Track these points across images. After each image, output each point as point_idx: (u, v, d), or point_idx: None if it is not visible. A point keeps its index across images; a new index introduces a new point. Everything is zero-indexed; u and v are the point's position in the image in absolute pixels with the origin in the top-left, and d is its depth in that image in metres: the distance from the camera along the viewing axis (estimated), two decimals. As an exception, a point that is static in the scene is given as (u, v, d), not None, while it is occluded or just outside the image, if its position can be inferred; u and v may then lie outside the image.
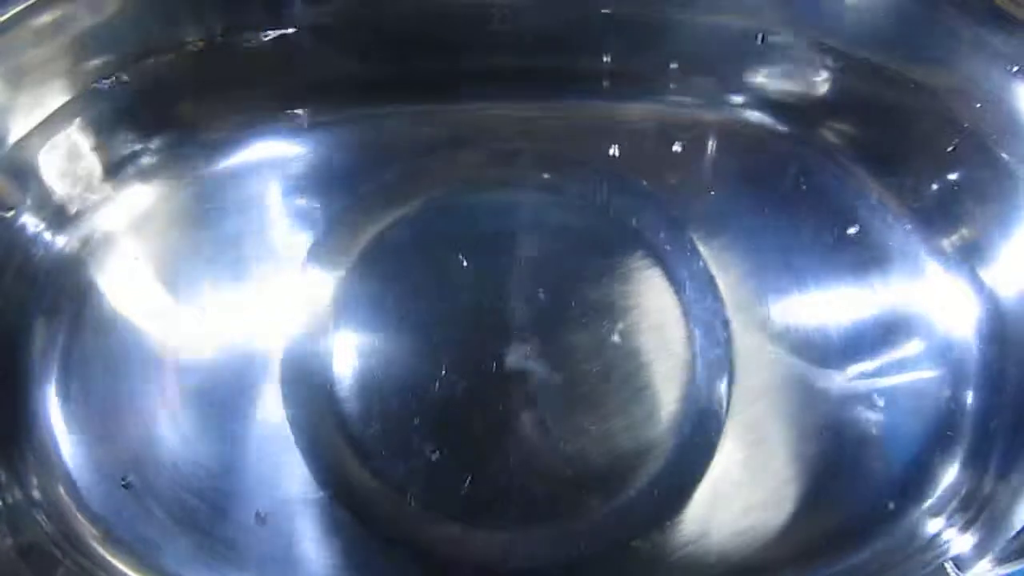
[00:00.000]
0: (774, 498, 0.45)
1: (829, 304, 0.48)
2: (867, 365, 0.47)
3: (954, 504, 0.44)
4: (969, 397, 0.46)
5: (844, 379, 0.47)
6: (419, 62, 0.51)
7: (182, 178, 0.50)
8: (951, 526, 0.44)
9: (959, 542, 0.43)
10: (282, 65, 0.50)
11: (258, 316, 0.48)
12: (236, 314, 0.48)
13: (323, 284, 0.48)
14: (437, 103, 0.52)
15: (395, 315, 0.48)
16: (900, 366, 0.47)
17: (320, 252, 0.49)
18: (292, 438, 0.46)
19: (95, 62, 0.45)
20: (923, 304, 0.48)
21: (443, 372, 0.46)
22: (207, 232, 0.49)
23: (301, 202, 0.50)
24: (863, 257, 0.49)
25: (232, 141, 0.51)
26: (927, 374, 0.47)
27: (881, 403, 0.46)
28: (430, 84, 0.52)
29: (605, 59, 0.51)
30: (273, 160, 0.51)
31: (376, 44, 0.50)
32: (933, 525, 0.44)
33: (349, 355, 0.47)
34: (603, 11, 0.50)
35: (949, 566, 0.40)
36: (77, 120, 0.46)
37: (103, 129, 0.47)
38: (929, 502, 0.45)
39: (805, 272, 0.49)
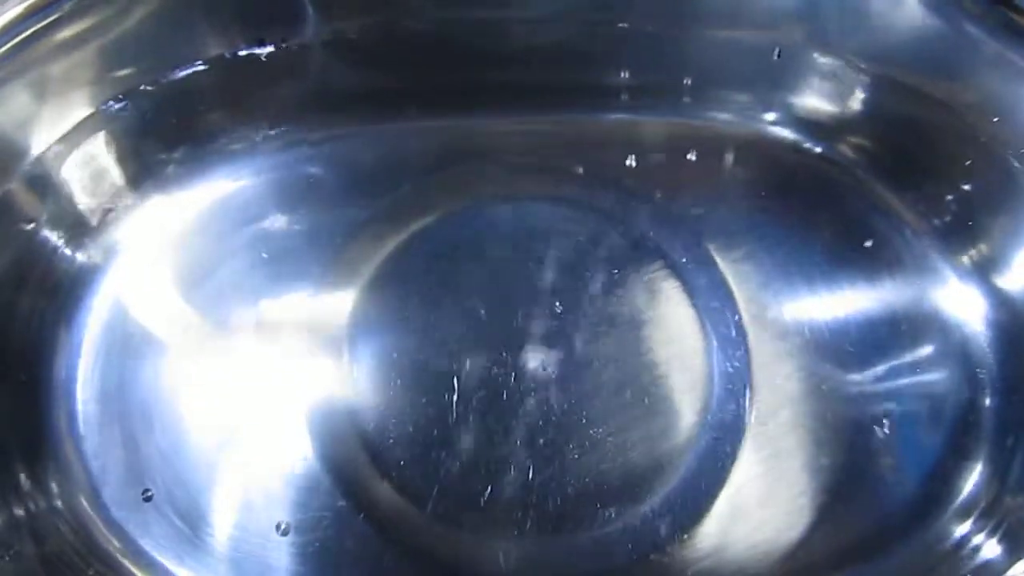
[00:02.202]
0: (793, 510, 0.45)
1: (847, 316, 0.48)
2: (885, 377, 0.47)
3: (977, 513, 0.44)
4: (987, 407, 0.46)
5: (862, 390, 0.47)
6: (436, 76, 0.52)
7: (203, 189, 0.50)
8: (975, 534, 0.44)
9: (985, 550, 0.43)
10: (302, 78, 0.50)
11: (278, 328, 0.48)
12: (256, 325, 0.48)
13: (341, 296, 0.49)
14: (455, 116, 0.53)
15: (413, 327, 0.48)
16: (918, 377, 0.47)
17: (338, 264, 0.49)
18: (313, 450, 0.46)
19: (119, 74, 0.46)
20: (941, 316, 0.48)
21: (461, 384, 0.46)
22: (227, 243, 0.49)
23: (319, 214, 0.50)
24: (881, 269, 0.49)
25: (251, 153, 0.51)
26: (945, 385, 0.47)
27: (899, 414, 0.46)
28: (448, 98, 0.52)
29: (623, 73, 0.52)
30: (292, 172, 0.51)
31: (394, 58, 0.51)
32: (956, 534, 0.44)
33: (368, 367, 0.47)
34: (620, 25, 0.50)
35: (971, 580, 0.40)
36: (100, 131, 0.47)
37: (125, 141, 0.48)
38: (951, 511, 0.45)
39: (822, 284, 0.49)
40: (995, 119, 0.45)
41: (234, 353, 0.47)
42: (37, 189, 0.45)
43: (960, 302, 0.48)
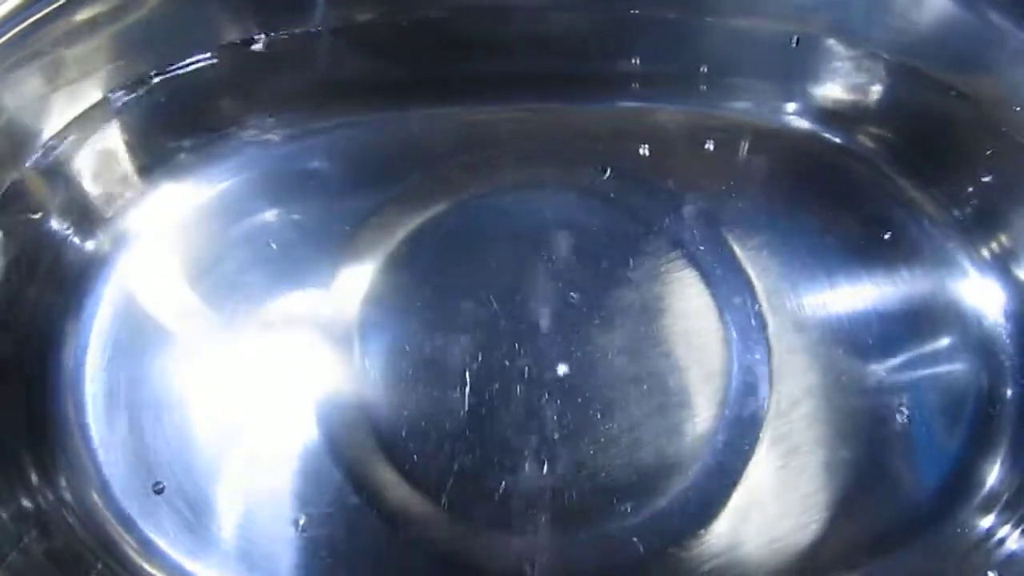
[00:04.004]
0: (812, 505, 0.44)
1: (866, 308, 0.48)
2: (905, 368, 0.47)
3: (999, 506, 0.44)
4: (1007, 398, 0.46)
5: (882, 382, 0.46)
6: (446, 64, 0.51)
7: (212, 179, 0.49)
8: (999, 527, 0.43)
9: (1010, 543, 0.42)
10: (311, 67, 0.50)
11: (288, 319, 0.47)
12: (266, 317, 0.47)
13: (352, 287, 0.48)
14: (464, 105, 0.52)
15: (425, 318, 0.47)
16: (938, 369, 0.47)
17: (349, 255, 0.49)
18: (324, 444, 0.45)
19: (130, 62, 0.45)
20: (961, 308, 0.48)
21: (474, 376, 0.46)
22: (237, 233, 0.49)
23: (329, 204, 0.50)
24: (900, 261, 0.48)
25: (261, 142, 0.50)
26: (965, 377, 0.46)
27: (919, 407, 0.46)
28: (457, 86, 0.52)
29: (634, 61, 0.51)
30: (302, 162, 0.50)
31: (404, 46, 0.50)
32: (980, 527, 0.44)
33: (379, 359, 0.46)
34: (632, 12, 0.49)
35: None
36: (110, 120, 0.46)
37: (135, 129, 0.47)
38: (973, 504, 0.44)
39: (842, 275, 0.48)
40: (1017, 109, 0.45)
41: (244, 345, 0.47)
42: (46, 177, 0.45)
43: (980, 294, 0.48)
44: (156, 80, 0.46)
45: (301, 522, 0.44)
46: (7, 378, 0.44)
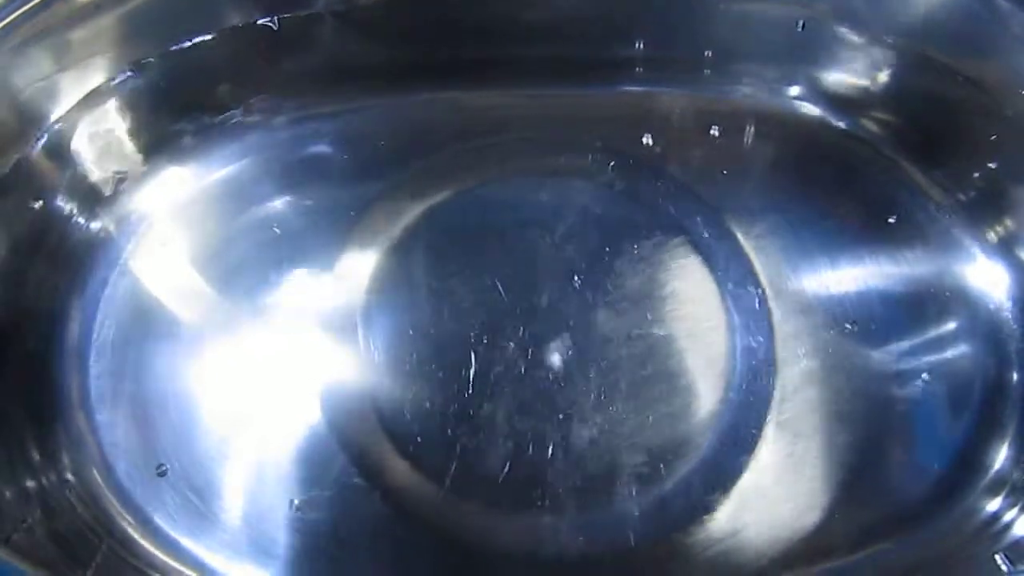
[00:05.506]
0: (816, 489, 0.44)
1: (871, 292, 0.47)
2: (910, 353, 0.46)
3: (1006, 490, 0.43)
4: (1013, 383, 0.46)
5: (887, 368, 0.46)
6: (451, 49, 0.51)
7: (216, 162, 0.49)
8: (1005, 511, 0.43)
9: (1016, 527, 0.42)
10: (314, 51, 0.50)
11: (292, 303, 0.47)
12: (270, 299, 0.47)
13: (356, 272, 0.48)
14: (467, 90, 0.52)
15: (430, 302, 0.47)
16: (943, 354, 0.47)
17: (353, 240, 0.49)
18: (328, 427, 0.45)
19: (134, 44, 0.45)
20: (966, 292, 0.47)
21: (478, 360, 0.46)
22: (241, 218, 0.49)
23: (333, 189, 0.50)
24: (905, 245, 0.48)
25: (264, 126, 0.50)
26: (970, 361, 0.46)
27: (924, 391, 0.46)
28: (460, 71, 0.52)
29: (638, 45, 0.51)
30: (305, 146, 0.51)
31: (407, 30, 0.50)
32: (985, 511, 0.44)
33: (383, 343, 0.46)
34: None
35: (1000, 558, 0.39)
36: (115, 101, 0.46)
37: (139, 111, 0.47)
38: (979, 489, 0.44)
39: (846, 260, 0.48)
40: (1022, 92, 0.44)
41: (248, 329, 0.47)
42: (51, 157, 0.45)
43: (986, 277, 0.47)
44: (159, 63, 0.46)
45: (303, 504, 0.44)
46: (10, 358, 0.44)
